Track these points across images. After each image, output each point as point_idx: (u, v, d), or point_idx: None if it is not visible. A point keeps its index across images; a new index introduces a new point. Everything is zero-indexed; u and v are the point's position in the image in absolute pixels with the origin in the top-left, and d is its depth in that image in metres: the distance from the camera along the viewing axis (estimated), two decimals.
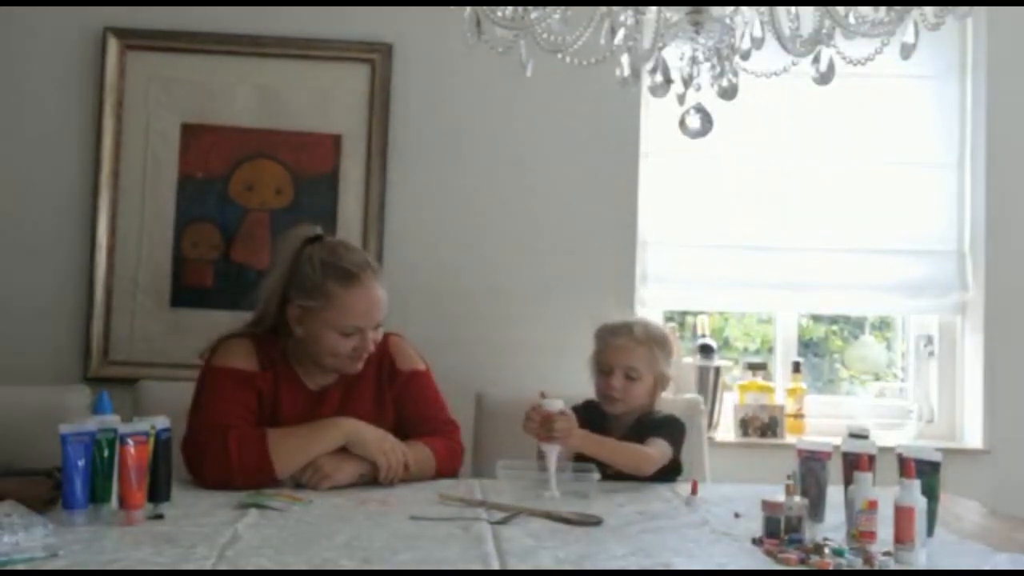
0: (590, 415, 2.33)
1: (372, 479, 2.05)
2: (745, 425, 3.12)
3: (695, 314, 3.35)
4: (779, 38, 1.66)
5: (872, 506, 1.62)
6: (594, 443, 2.18)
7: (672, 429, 2.28)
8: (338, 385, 2.19)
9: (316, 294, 2.08)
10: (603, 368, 2.35)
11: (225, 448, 1.96)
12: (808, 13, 1.66)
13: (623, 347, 2.33)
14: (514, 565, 1.50)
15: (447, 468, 2.19)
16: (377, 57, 3.02)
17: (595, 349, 2.40)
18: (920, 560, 1.57)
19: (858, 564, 1.54)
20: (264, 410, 2.11)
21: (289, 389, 2.15)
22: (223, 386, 2.08)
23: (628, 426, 2.33)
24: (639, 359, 2.32)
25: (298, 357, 2.18)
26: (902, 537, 1.57)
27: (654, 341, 2.35)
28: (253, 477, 1.95)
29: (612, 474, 2.18)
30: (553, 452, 2.06)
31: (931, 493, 1.67)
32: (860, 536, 1.62)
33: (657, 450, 2.21)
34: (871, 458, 1.72)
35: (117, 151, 2.97)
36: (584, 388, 2.43)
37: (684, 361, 3.06)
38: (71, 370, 2.91)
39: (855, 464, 1.69)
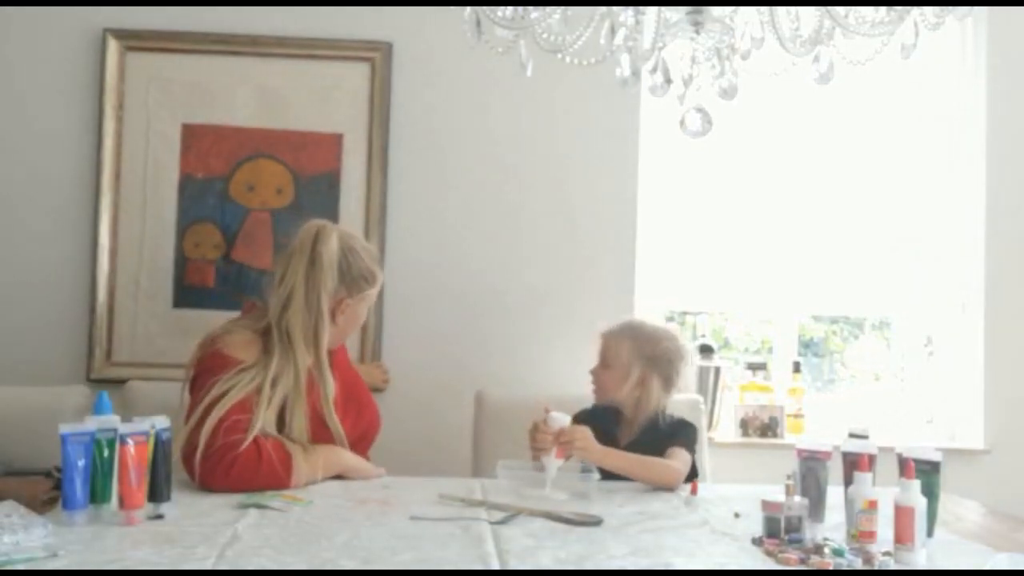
0: (598, 419, 2.30)
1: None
2: (745, 425, 3.12)
3: (695, 314, 3.36)
4: (779, 38, 1.66)
5: (872, 506, 1.62)
6: (619, 459, 2.16)
7: (687, 434, 2.28)
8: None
9: (373, 280, 2.28)
10: (597, 359, 2.39)
11: (259, 455, 1.98)
12: (808, 13, 1.67)
13: (604, 335, 2.38)
14: (514, 565, 1.50)
15: None
16: (377, 56, 3.02)
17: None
18: (920, 560, 1.57)
19: (858, 564, 1.54)
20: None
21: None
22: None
23: (639, 431, 2.31)
24: (609, 346, 2.35)
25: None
26: (902, 537, 1.57)
27: (629, 332, 2.36)
28: (266, 488, 1.96)
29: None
30: (554, 465, 2.06)
31: (931, 493, 1.67)
32: (860, 536, 1.62)
33: (682, 463, 2.20)
34: (871, 458, 1.72)
35: (118, 152, 2.97)
36: (584, 388, 2.43)
37: None
38: (74, 371, 2.90)
39: (855, 464, 1.69)
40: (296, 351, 2.12)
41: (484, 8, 1.66)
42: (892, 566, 1.55)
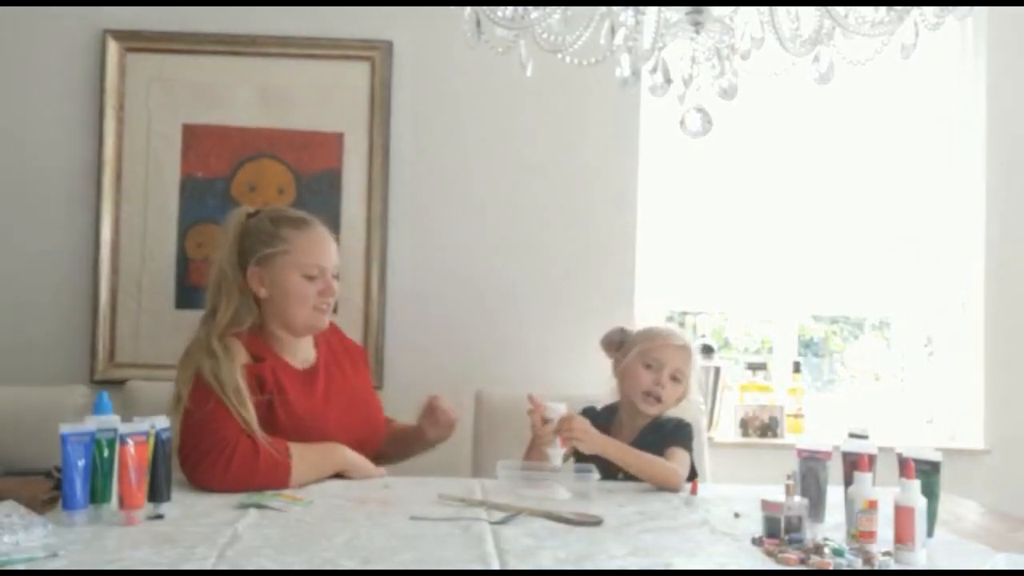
0: (597, 419, 2.27)
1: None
2: (745, 425, 3.12)
3: (695, 314, 3.36)
4: (779, 38, 1.66)
5: (872, 506, 1.62)
6: (619, 450, 2.15)
7: (685, 434, 2.26)
8: (319, 362, 2.23)
9: (274, 241, 2.13)
10: (653, 364, 2.28)
11: (256, 451, 1.97)
12: (808, 13, 1.67)
13: (680, 349, 2.30)
14: (514, 565, 1.50)
15: None
16: (377, 55, 3.02)
17: (644, 346, 2.30)
18: (920, 560, 1.57)
19: (858, 564, 1.54)
20: (271, 396, 2.10)
21: (285, 373, 2.16)
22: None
23: (639, 431, 2.29)
24: (687, 364, 2.31)
25: (279, 340, 2.19)
26: (902, 537, 1.57)
27: (695, 352, 2.37)
28: (267, 485, 1.96)
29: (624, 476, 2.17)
30: (558, 455, 2.06)
31: (931, 493, 1.67)
32: (860, 536, 1.62)
33: (682, 464, 2.18)
34: (871, 458, 1.72)
35: (119, 153, 2.98)
36: (583, 388, 2.43)
37: None
38: (77, 373, 2.91)
39: (855, 464, 1.69)
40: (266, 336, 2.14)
41: (484, 8, 1.66)
42: (892, 566, 1.55)
